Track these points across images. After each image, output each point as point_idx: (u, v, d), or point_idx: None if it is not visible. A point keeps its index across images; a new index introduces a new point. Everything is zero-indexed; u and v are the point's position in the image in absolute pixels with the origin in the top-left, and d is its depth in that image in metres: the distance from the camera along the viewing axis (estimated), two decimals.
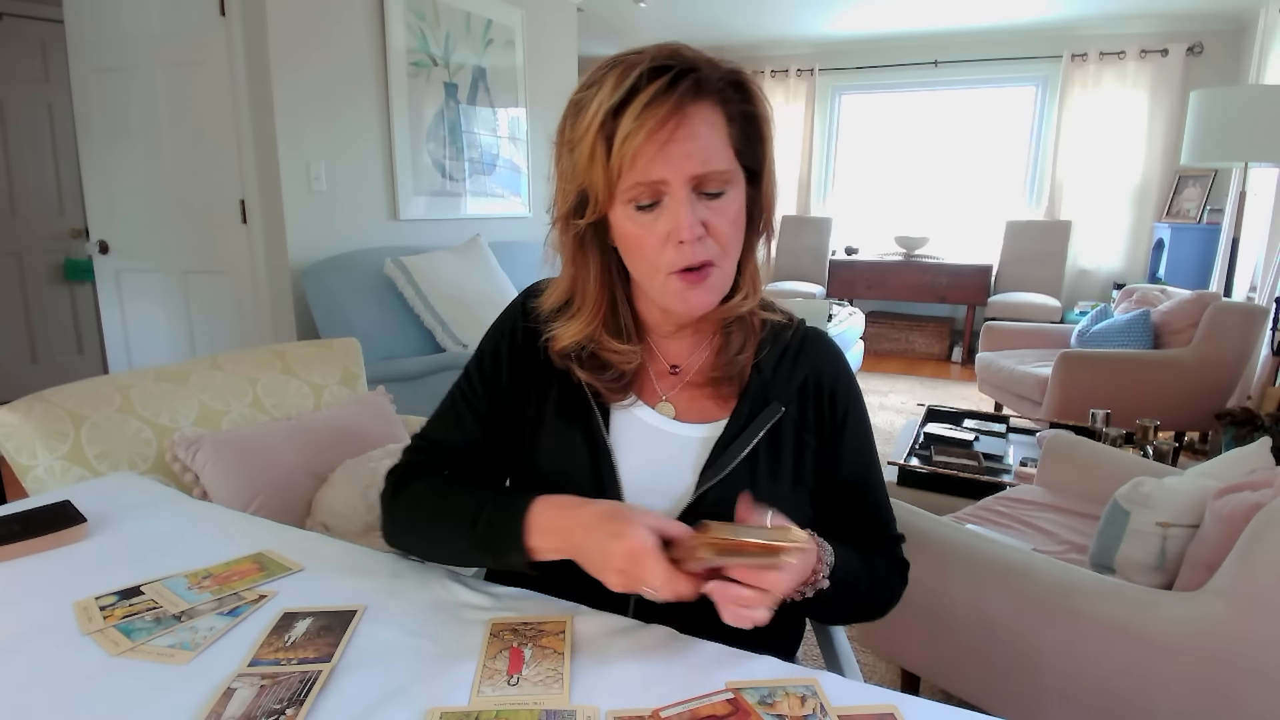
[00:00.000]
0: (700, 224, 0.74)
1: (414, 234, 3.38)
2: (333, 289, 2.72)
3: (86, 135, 2.98)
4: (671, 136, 0.71)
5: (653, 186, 0.73)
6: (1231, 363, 3.08)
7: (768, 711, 0.62)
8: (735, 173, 0.76)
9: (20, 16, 3.91)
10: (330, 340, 1.88)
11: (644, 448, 0.85)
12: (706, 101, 0.73)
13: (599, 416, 0.84)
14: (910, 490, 2.29)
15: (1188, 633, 1.16)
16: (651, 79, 0.70)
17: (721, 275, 0.78)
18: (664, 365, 0.88)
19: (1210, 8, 4.70)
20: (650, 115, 0.70)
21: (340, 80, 3.00)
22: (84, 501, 1.01)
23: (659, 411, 0.86)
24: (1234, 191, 3.54)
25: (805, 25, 5.49)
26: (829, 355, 0.89)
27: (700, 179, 0.73)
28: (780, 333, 0.88)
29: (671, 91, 0.70)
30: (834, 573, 0.76)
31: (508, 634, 0.73)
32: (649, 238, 0.75)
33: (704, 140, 0.72)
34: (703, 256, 0.75)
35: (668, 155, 0.71)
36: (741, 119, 0.76)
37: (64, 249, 4.18)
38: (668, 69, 0.71)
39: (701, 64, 0.73)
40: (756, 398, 0.84)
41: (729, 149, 0.75)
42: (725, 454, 0.82)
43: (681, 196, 0.73)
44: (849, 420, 0.88)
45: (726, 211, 0.75)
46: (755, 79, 0.78)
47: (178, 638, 0.73)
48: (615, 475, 0.83)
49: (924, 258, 5.68)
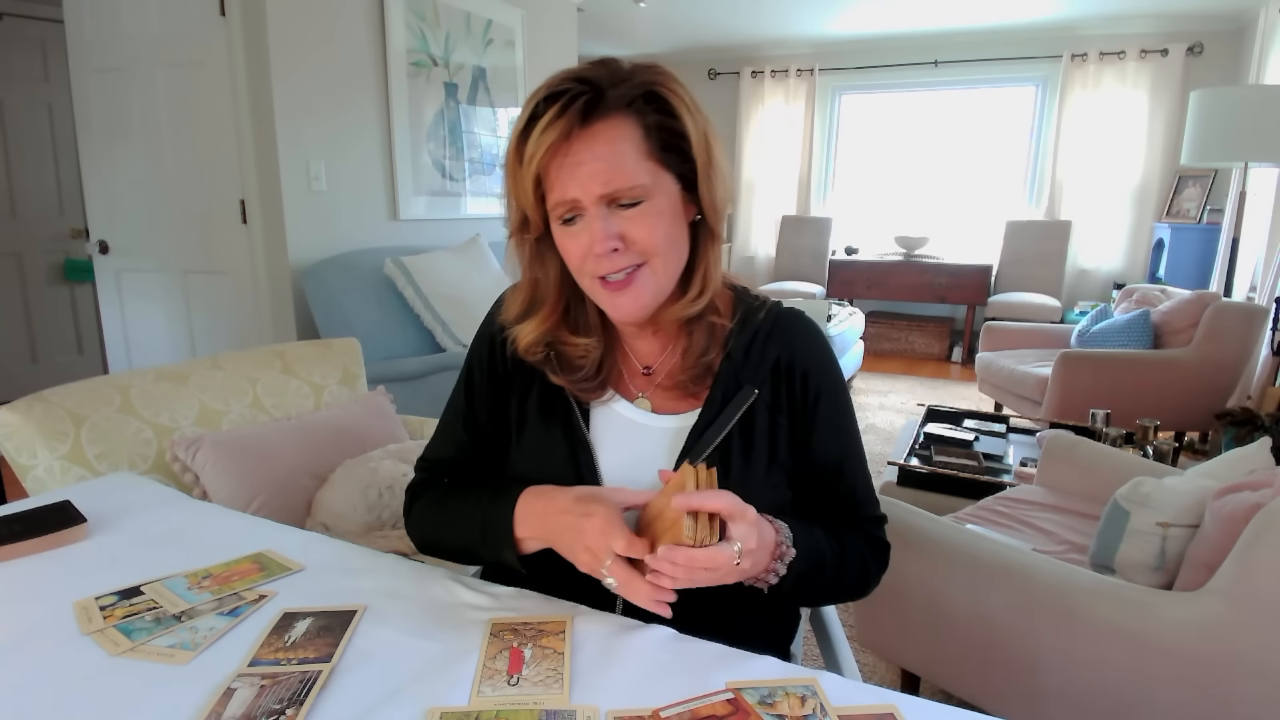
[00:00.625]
0: (616, 237, 0.76)
1: (414, 234, 3.38)
2: (333, 289, 2.72)
3: (86, 135, 2.98)
4: (569, 157, 0.74)
5: (569, 204, 0.76)
6: (1231, 363, 3.08)
7: (768, 711, 0.62)
8: (655, 183, 0.77)
9: (20, 16, 3.91)
10: (330, 340, 1.88)
11: (622, 441, 0.88)
12: (613, 117, 0.75)
13: (578, 413, 0.87)
14: (910, 490, 2.29)
15: (1188, 633, 1.16)
16: (548, 104, 0.74)
17: (652, 275, 0.79)
18: (636, 366, 0.90)
19: (1210, 8, 4.70)
20: (545, 139, 0.73)
21: (340, 80, 3.00)
22: (84, 501, 1.01)
23: (636, 406, 0.89)
24: (1234, 191, 3.54)
25: (805, 25, 5.49)
26: (802, 334, 0.89)
27: (609, 196, 0.75)
28: (750, 316, 0.88)
29: (564, 115, 0.73)
30: (795, 546, 0.77)
31: (508, 634, 0.73)
32: (575, 248, 0.79)
33: (608, 159, 0.74)
34: (621, 264, 0.77)
35: (574, 176, 0.75)
36: (659, 129, 0.77)
37: (64, 249, 4.18)
38: (564, 93, 0.74)
39: (606, 82, 0.75)
40: (729, 384, 0.86)
41: (647, 160, 0.76)
42: (700, 441, 0.84)
43: (594, 213, 0.76)
44: (823, 399, 0.87)
45: (644, 220, 0.77)
46: (676, 87, 0.78)
47: (178, 638, 0.73)
48: (595, 469, 0.86)
49: (924, 258, 5.68)
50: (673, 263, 0.81)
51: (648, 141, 0.76)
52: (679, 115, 0.77)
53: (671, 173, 0.78)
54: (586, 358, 0.87)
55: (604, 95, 0.74)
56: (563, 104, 0.73)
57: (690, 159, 0.78)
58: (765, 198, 6.39)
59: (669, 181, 0.78)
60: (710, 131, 0.80)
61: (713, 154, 0.79)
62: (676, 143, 0.78)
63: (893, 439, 3.77)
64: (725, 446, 0.84)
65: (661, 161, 0.77)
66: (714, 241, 0.84)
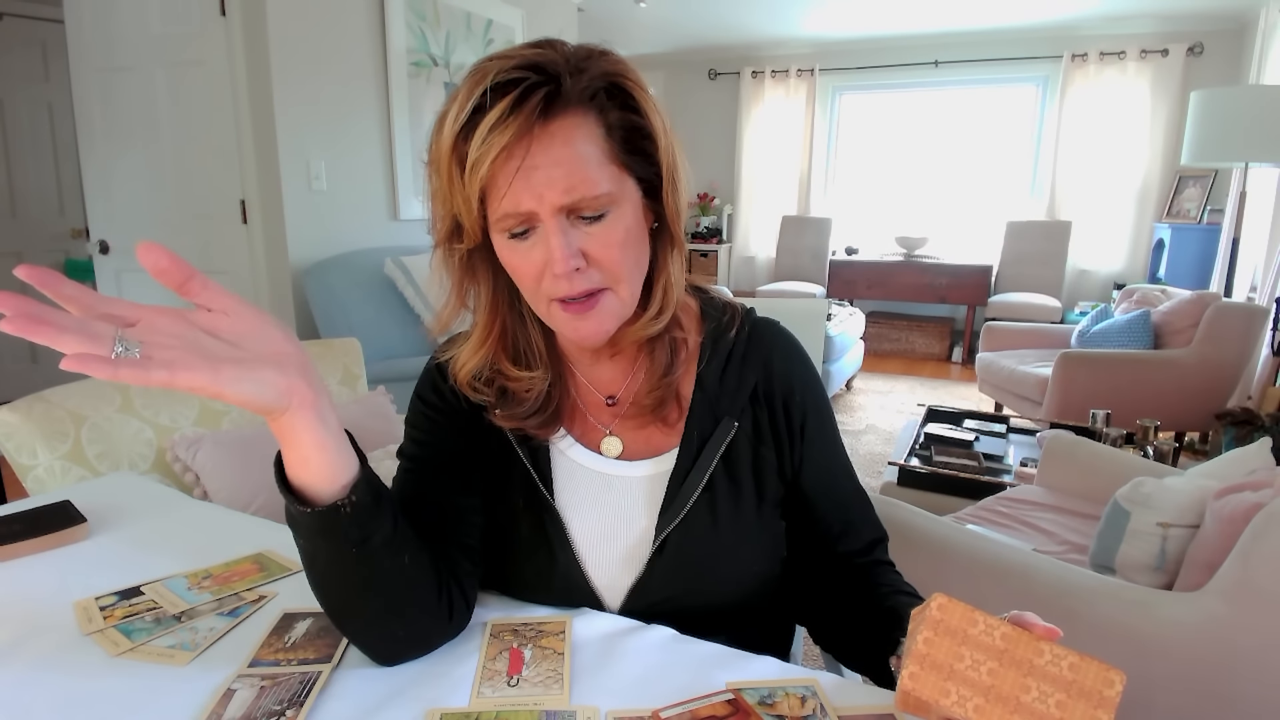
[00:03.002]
0: (578, 254, 0.65)
1: (414, 234, 3.38)
2: (333, 289, 2.72)
3: (86, 135, 2.98)
4: (526, 161, 0.62)
5: (520, 217, 0.64)
6: (1231, 363, 3.08)
7: (768, 712, 0.62)
8: (619, 190, 0.66)
9: (20, 16, 3.91)
10: (330, 340, 1.88)
11: (592, 497, 0.77)
12: (573, 114, 0.63)
13: (534, 474, 0.77)
14: (910, 490, 2.29)
15: (1188, 633, 1.16)
16: (498, 96, 0.61)
17: (617, 301, 0.69)
18: (598, 397, 0.80)
19: (1210, 8, 4.70)
20: (496, 140, 0.61)
21: (340, 80, 3.00)
22: (84, 501, 1.01)
23: (604, 450, 0.78)
24: (1234, 191, 3.54)
25: (805, 25, 5.49)
26: (779, 351, 0.80)
27: (570, 206, 0.64)
28: (720, 337, 0.79)
29: (519, 110, 0.61)
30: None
31: (508, 634, 0.73)
32: (526, 266, 0.67)
33: (569, 163, 0.63)
34: (583, 287, 0.66)
35: (528, 183, 0.62)
36: (622, 128, 0.66)
37: (64, 249, 4.18)
38: (518, 82, 0.61)
39: (564, 70, 0.63)
40: (704, 419, 0.77)
41: (609, 164, 0.65)
42: (682, 489, 0.75)
43: (552, 226, 0.64)
44: (809, 421, 0.79)
45: (609, 237, 0.66)
46: (638, 79, 0.68)
47: (178, 638, 0.73)
48: (566, 538, 0.76)
49: (924, 258, 5.68)
50: (637, 283, 0.71)
51: (609, 142, 0.65)
52: (645, 112, 0.67)
53: (634, 178, 0.68)
54: (531, 391, 0.76)
55: (561, 87, 0.63)
56: (516, 97, 0.61)
57: (655, 162, 0.68)
58: (765, 198, 6.39)
59: (632, 188, 0.68)
60: (673, 130, 0.69)
61: (676, 156, 0.70)
62: (641, 144, 0.67)
63: (893, 439, 3.77)
64: (710, 490, 0.75)
65: (625, 165, 0.67)
66: (676, 250, 0.74)
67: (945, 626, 0.52)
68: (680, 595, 0.76)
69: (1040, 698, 0.50)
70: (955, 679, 0.51)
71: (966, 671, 0.51)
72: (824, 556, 0.81)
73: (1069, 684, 0.50)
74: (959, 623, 0.52)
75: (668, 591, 0.76)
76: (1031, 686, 0.50)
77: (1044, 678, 0.50)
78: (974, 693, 0.50)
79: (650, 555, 0.75)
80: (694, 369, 0.79)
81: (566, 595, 0.77)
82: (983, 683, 0.50)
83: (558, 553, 0.76)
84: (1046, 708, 0.49)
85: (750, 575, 0.78)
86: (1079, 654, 0.50)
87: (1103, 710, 0.49)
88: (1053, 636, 0.53)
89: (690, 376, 0.78)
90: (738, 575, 0.77)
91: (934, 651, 0.51)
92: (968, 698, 0.50)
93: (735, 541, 0.76)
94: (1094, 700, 0.49)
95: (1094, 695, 0.49)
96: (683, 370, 0.78)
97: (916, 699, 0.51)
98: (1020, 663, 0.51)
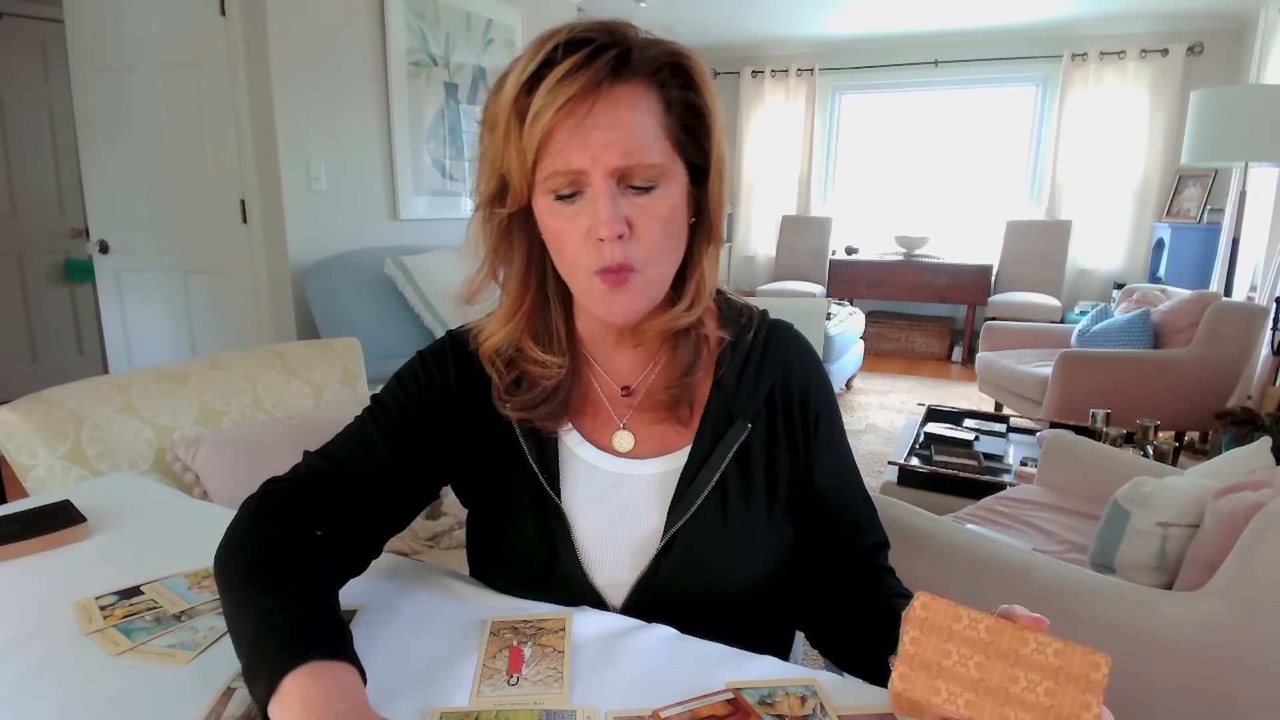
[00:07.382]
0: (623, 221, 0.65)
1: (414, 234, 3.38)
2: (333, 289, 2.72)
3: (86, 135, 2.98)
4: (588, 120, 0.62)
5: (571, 176, 0.64)
6: (1231, 363, 3.08)
7: (768, 711, 0.62)
8: (671, 167, 0.67)
9: (20, 16, 3.91)
10: (330, 340, 1.88)
11: (600, 495, 0.77)
12: (637, 82, 0.64)
13: (543, 479, 0.75)
14: (910, 490, 2.29)
15: (1188, 633, 1.16)
16: (570, 52, 0.62)
17: (645, 282, 0.68)
18: (614, 387, 0.79)
19: (1210, 8, 4.70)
20: (563, 91, 0.61)
21: (340, 80, 3.00)
22: (84, 501, 1.01)
23: (615, 445, 0.78)
24: (1234, 191, 3.54)
25: (805, 25, 5.49)
26: (795, 353, 0.81)
27: (623, 171, 0.64)
28: (739, 339, 0.79)
29: (589, 66, 0.61)
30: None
31: (508, 633, 0.73)
32: (570, 232, 0.66)
33: (628, 128, 0.63)
34: (620, 258, 0.65)
35: (585, 141, 0.62)
36: (682, 106, 0.67)
37: (64, 249, 4.18)
38: (589, 41, 0.63)
39: (635, 43, 0.65)
40: (719, 418, 0.76)
41: (664, 139, 0.66)
42: (692, 487, 0.75)
43: (602, 189, 0.64)
44: (821, 423, 0.80)
45: (656, 210, 0.66)
46: (702, 64, 0.69)
47: (178, 638, 0.73)
48: (570, 536, 0.76)
49: (924, 257, 5.69)
50: (668, 268, 0.71)
51: (668, 117, 0.66)
52: (703, 93, 0.68)
53: (684, 160, 0.69)
54: (548, 379, 0.75)
55: (631, 54, 0.64)
56: (588, 53, 0.62)
57: (705, 149, 0.69)
58: (765, 197, 6.40)
59: (681, 171, 0.68)
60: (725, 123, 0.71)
61: (723, 146, 0.71)
62: (694, 126, 0.68)
63: (893, 439, 3.77)
64: (721, 489, 0.75)
65: (678, 145, 0.67)
66: (714, 245, 0.74)
67: (930, 624, 0.52)
68: (684, 593, 0.76)
69: (1029, 687, 0.50)
70: (944, 676, 0.51)
71: (955, 668, 0.51)
72: (829, 557, 0.81)
73: (1056, 671, 0.50)
74: (944, 619, 0.52)
75: (672, 589, 0.76)
76: (1019, 677, 0.50)
77: (1031, 667, 0.50)
78: (964, 688, 0.50)
79: (657, 551, 0.75)
80: (712, 368, 0.78)
81: (567, 593, 0.77)
82: (971, 677, 0.51)
83: (561, 551, 0.76)
84: (1036, 696, 0.50)
85: (756, 577, 0.78)
86: (1063, 640, 0.51)
87: (1091, 693, 0.49)
88: (1039, 626, 0.53)
89: (708, 376, 0.78)
90: (743, 576, 0.77)
91: (921, 650, 0.52)
92: (958, 694, 0.50)
93: (744, 542, 0.76)
94: (1082, 684, 0.50)
95: (1081, 679, 0.50)
96: (702, 370, 0.78)
97: (909, 700, 0.51)
98: (1006, 654, 0.51)
